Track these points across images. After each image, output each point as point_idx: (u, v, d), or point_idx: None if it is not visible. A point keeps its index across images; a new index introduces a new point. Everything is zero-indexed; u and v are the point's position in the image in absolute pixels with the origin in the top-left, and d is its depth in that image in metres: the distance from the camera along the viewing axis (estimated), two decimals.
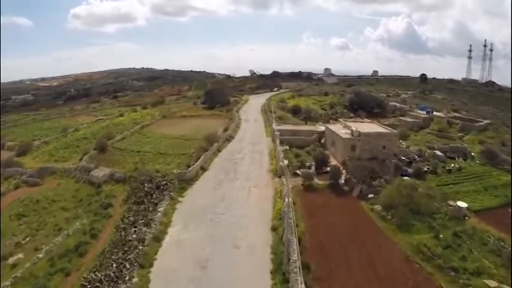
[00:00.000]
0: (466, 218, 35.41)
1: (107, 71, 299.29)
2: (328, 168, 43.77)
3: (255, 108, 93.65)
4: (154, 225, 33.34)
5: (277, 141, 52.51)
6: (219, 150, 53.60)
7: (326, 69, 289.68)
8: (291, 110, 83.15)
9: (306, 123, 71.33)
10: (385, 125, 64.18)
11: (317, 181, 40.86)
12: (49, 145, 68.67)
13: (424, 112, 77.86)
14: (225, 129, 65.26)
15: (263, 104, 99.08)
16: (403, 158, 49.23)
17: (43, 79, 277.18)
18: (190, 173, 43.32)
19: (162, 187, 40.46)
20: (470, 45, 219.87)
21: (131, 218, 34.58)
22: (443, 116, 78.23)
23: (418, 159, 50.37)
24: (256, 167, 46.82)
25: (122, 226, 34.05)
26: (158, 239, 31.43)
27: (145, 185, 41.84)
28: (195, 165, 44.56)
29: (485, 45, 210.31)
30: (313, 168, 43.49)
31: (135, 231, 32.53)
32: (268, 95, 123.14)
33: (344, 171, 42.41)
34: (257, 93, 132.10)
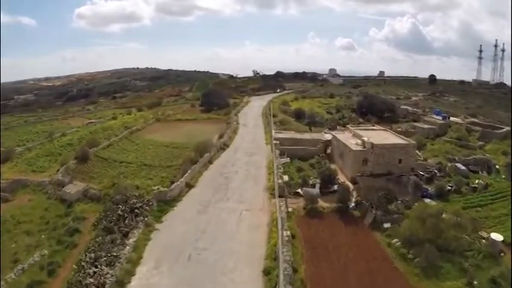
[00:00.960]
0: (502, 254, 28.44)
1: (111, 70, 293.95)
2: (336, 187, 36.80)
3: (256, 111, 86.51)
4: (119, 264, 26.61)
5: (277, 153, 45.50)
6: (210, 162, 46.71)
7: (331, 70, 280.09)
8: (294, 114, 76.00)
9: (310, 129, 64.24)
10: (398, 132, 57.02)
11: (322, 203, 33.84)
12: (32, 152, 62.53)
13: (440, 117, 70.01)
14: (220, 136, 58.38)
15: (264, 106, 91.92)
16: (422, 173, 41.98)
17: (47, 79, 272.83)
18: (173, 192, 36.51)
19: (137, 210, 33.71)
20: (481, 46, 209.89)
21: (92, 255, 27.86)
22: (460, 121, 70.34)
23: (438, 174, 43.15)
24: (251, 183, 39.82)
25: (83, 263, 27.55)
26: (122, 283, 24.78)
27: (120, 206, 35.21)
28: (178, 182, 37.74)
29: (496, 46, 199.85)
30: (317, 186, 36.49)
31: (94, 272, 25.87)
32: (271, 96, 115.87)
33: (354, 191, 35.22)
34: (259, 95, 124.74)
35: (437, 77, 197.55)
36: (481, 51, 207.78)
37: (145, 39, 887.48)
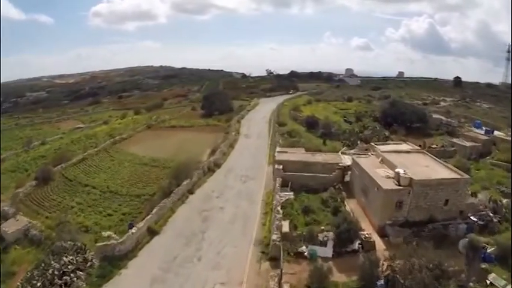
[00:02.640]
0: None
1: (124, 68, 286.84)
2: (357, 245, 24.94)
3: (262, 117, 74.12)
4: None
5: (277, 183, 33.72)
6: (190, 192, 35.33)
7: (348, 70, 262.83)
8: (306, 122, 63.49)
9: (323, 143, 52.01)
10: (434, 151, 44.53)
11: (335, 275, 22.07)
12: (3, 164, 53.13)
13: (482, 131, 56.09)
14: (213, 151, 47.17)
15: (273, 111, 79.61)
16: (474, 218, 29.60)
17: (60, 76, 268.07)
18: (125, 245, 25.42)
19: (66, 277, 22.83)
20: (509, 45, 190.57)
21: None
22: (506, 137, 55.83)
23: (494, 219, 30.58)
24: (238, 231, 28.13)
25: None
26: None
27: (53, 263, 24.52)
28: (133, 230, 26.57)
29: None
30: (330, 245, 24.61)
31: None
32: (282, 98, 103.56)
33: (384, 261, 23.08)
34: (270, 96, 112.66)
35: (449, 78, 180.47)
36: (509, 51, 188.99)
37: (160, 38, 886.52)
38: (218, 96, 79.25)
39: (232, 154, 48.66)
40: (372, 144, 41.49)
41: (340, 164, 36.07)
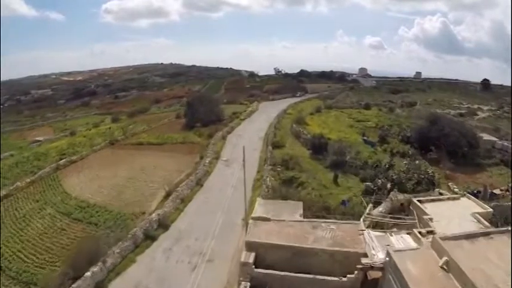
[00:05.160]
0: None
1: (133, 66, 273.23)
2: None
3: (256, 131, 56.13)
4: None
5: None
6: None
7: (361, 69, 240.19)
8: (311, 144, 45.61)
9: (334, 180, 35.08)
10: (504, 207, 27.35)
11: None
12: None
13: None
14: (168, 194, 30.91)
15: (271, 122, 61.96)
16: None
17: (69, 73, 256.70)
18: None
19: None
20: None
21: None
22: None
23: None
24: None
25: None
26: None
27: None
28: None
29: None
30: None
31: None
32: (287, 103, 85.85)
33: None
34: (273, 100, 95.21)
35: (463, 79, 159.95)
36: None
37: (173, 35, 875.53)
38: (204, 102, 61.95)
39: (196, 199, 31.53)
40: (414, 200, 24.34)
41: (364, 261, 18.56)
